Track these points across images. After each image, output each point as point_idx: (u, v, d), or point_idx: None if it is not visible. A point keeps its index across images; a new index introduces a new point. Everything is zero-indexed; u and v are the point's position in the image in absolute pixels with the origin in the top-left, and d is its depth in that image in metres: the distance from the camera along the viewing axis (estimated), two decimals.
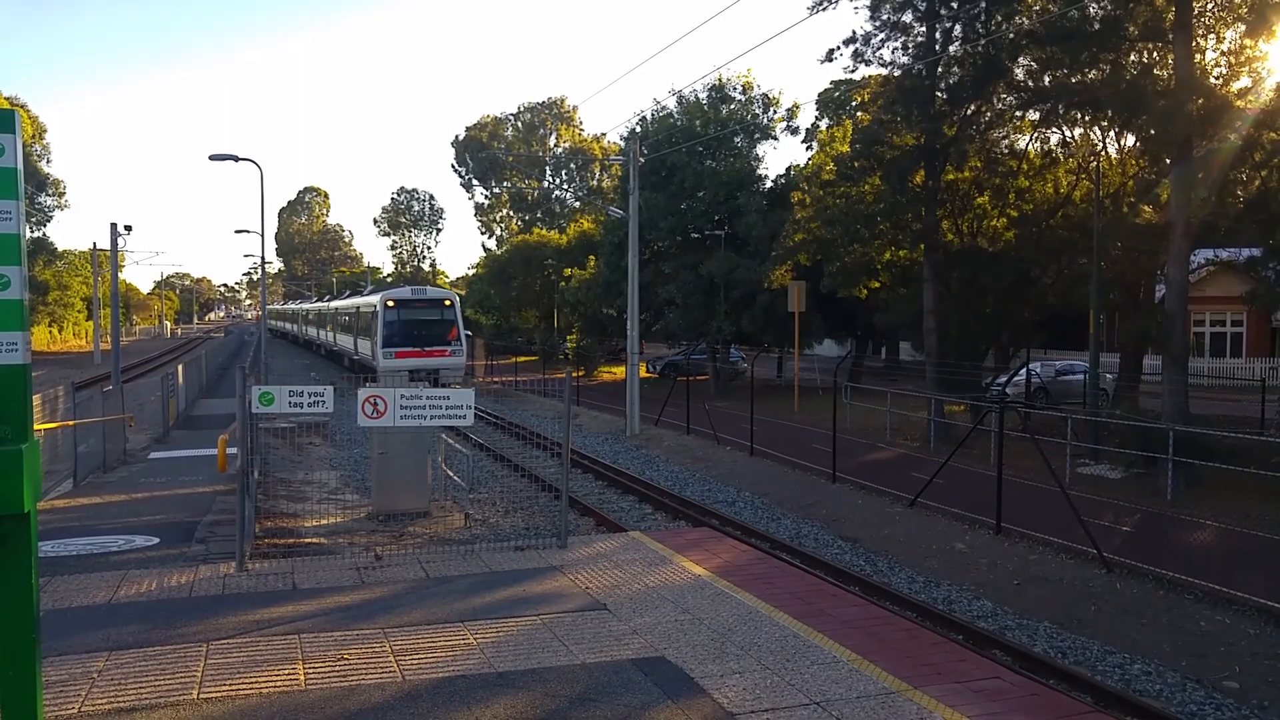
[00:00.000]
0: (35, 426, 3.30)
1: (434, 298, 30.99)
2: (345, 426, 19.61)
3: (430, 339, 28.94)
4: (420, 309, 29.71)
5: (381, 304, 29.17)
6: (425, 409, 7.50)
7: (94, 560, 8.14)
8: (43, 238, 67.31)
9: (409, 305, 29.57)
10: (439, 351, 28.83)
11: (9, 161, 3.11)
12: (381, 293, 31.03)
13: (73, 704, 4.73)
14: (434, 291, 32.69)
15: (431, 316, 29.64)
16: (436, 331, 29.29)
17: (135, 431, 18.85)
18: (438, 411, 7.55)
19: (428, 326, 29.43)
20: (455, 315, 29.91)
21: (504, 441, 19.69)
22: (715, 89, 35.32)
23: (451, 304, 30.27)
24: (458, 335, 29.50)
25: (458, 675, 5.15)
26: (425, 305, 30.01)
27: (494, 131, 77.31)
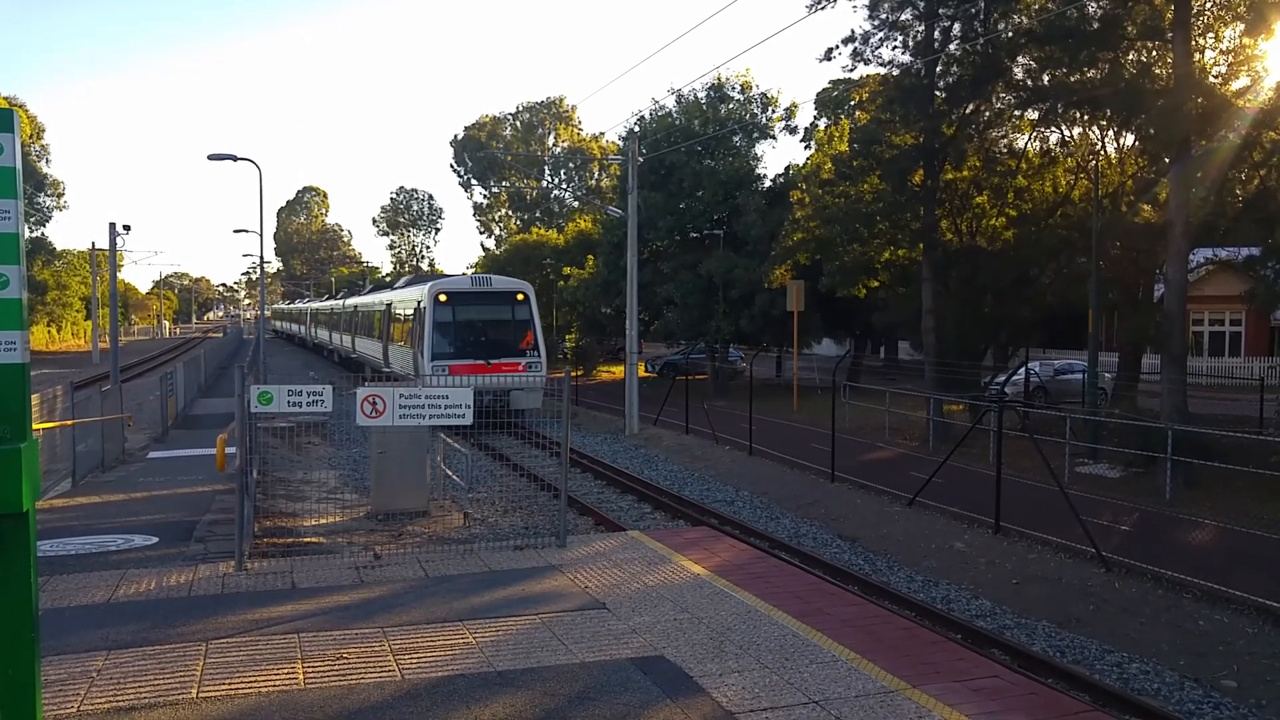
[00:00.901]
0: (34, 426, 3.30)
1: (502, 289, 22.73)
2: (344, 426, 19.61)
3: (497, 347, 21.47)
4: (483, 305, 22.00)
5: (430, 298, 21.37)
6: (424, 408, 7.50)
7: (93, 559, 8.13)
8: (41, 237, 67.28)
9: (468, 300, 21.86)
10: (509, 365, 21.01)
11: (8, 161, 3.11)
12: (428, 283, 22.98)
13: (71, 703, 4.73)
14: (502, 282, 23.65)
15: (499, 315, 22.09)
16: (506, 336, 21.86)
17: (134, 431, 18.83)
18: (436, 411, 7.55)
19: (494, 329, 21.96)
20: (531, 314, 22.26)
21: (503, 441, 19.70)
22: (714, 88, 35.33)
23: (526, 299, 22.31)
24: (534, 342, 21.81)
25: (457, 674, 5.15)
26: (490, 300, 22.17)
27: (493, 131, 77.28)
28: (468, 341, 21.41)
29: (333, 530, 11.36)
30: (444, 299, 21.52)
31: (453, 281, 23.15)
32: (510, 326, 22.16)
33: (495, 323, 22.23)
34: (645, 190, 30.62)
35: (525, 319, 22.26)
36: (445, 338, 21.24)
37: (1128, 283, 21.44)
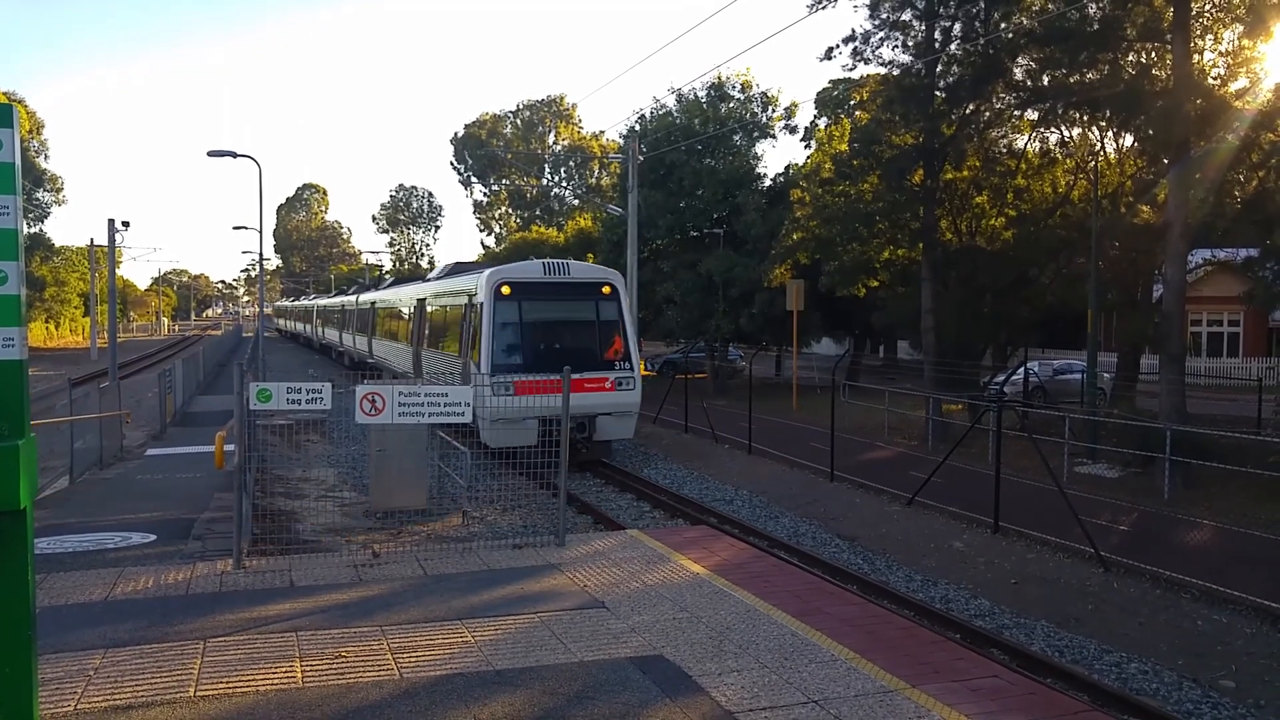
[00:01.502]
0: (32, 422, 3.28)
1: (584, 279, 17.23)
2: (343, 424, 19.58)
3: (578, 356, 16.04)
4: (559, 300, 16.85)
5: (488, 290, 16.22)
6: (423, 406, 7.49)
7: (90, 557, 8.12)
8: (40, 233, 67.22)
9: (539, 293, 16.59)
10: (594, 382, 16.05)
11: (6, 156, 3.10)
12: (482, 271, 17.88)
13: (69, 701, 4.72)
14: (583, 269, 17.97)
15: (579, 314, 16.94)
16: (589, 341, 16.76)
17: (132, 428, 18.80)
18: (436, 409, 7.53)
19: (573, 333, 17.00)
20: (620, 312, 16.98)
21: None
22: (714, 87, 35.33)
23: (614, 292, 17.03)
24: (625, 349, 16.69)
25: (456, 673, 5.15)
26: (568, 293, 16.88)
27: (493, 129, 77.23)
28: (539, 348, 16.09)
29: (331, 528, 11.35)
30: (507, 291, 16.13)
31: (519, 269, 17.24)
32: (594, 329, 16.73)
33: (575, 324, 16.87)
34: (645, 189, 30.60)
35: (613, 318, 16.74)
36: (509, 343, 16.01)
37: (1126, 283, 21.46)
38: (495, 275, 16.56)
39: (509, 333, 16.20)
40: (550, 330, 16.75)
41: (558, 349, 16.39)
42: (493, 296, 16.19)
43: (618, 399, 16.28)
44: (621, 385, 16.40)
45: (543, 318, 16.65)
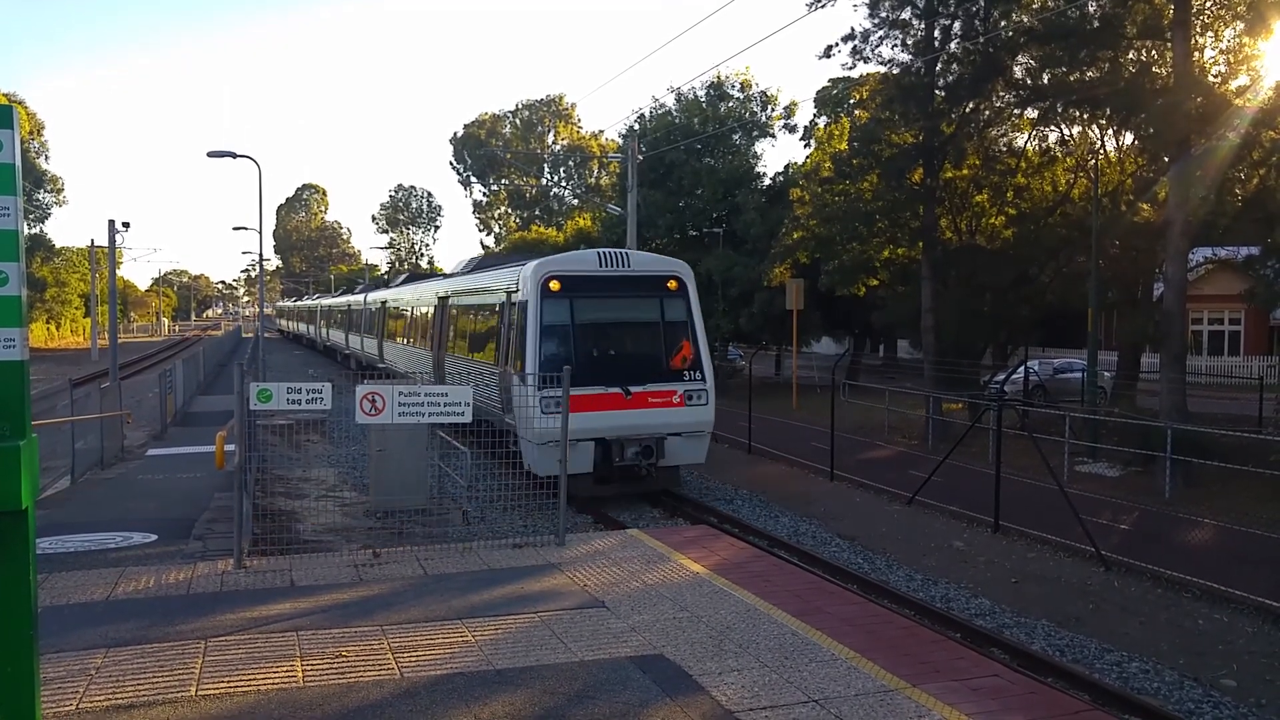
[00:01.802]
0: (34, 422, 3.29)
1: (647, 272, 14.43)
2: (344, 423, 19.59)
3: (640, 364, 13.82)
4: (618, 297, 14.19)
5: (534, 285, 13.58)
6: (423, 406, 7.49)
7: (92, 557, 8.12)
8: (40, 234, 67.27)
9: (594, 289, 13.98)
10: (660, 395, 13.55)
11: (7, 157, 3.10)
12: (525, 264, 14.75)
13: (70, 701, 4.72)
14: (646, 260, 15.00)
15: (642, 314, 14.33)
16: (653, 347, 14.11)
17: (133, 428, 18.81)
18: (436, 409, 7.54)
19: (635, 337, 14.44)
20: (689, 311, 14.30)
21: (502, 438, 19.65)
22: (713, 87, 35.35)
23: (682, 287, 14.39)
24: (695, 356, 14.01)
25: (456, 673, 5.15)
26: (628, 289, 14.24)
27: (492, 129, 77.25)
28: (595, 356, 13.55)
29: (332, 528, 11.36)
30: (556, 287, 13.44)
31: (570, 260, 14.43)
32: (659, 331, 14.01)
33: (636, 326, 14.28)
34: (645, 188, 30.60)
35: (681, 319, 14.05)
36: (558, 349, 13.27)
37: (1127, 282, 21.46)
38: (543, 268, 13.67)
39: (559, 337, 13.41)
40: (607, 333, 14.05)
41: (617, 356, 13.85)
42: (539, 293, 13.37)
43: (689, 416, 13.61)
44: (693, 399, 13.67)
45: (599, 318, 13.92)
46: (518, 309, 13.88)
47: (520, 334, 13.58)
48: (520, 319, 13.70)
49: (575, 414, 11.54)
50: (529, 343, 13.25)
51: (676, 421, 13.61)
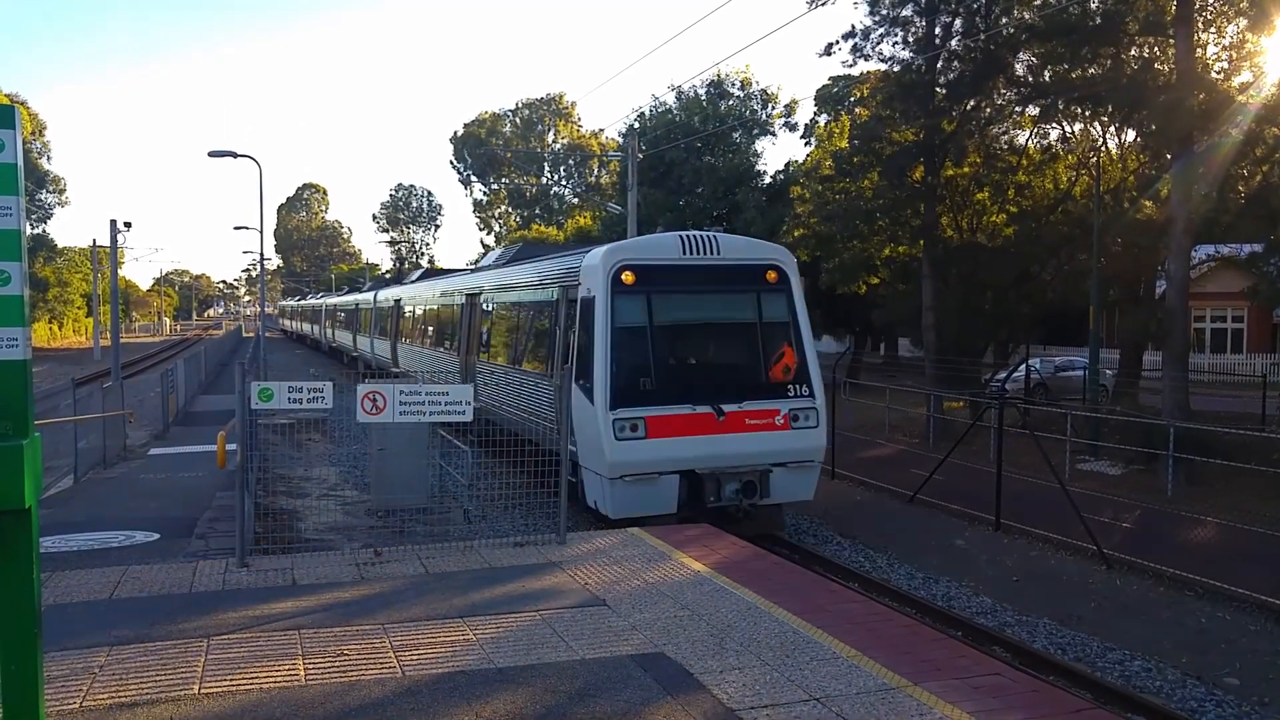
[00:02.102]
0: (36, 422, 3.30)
1: (741, 260, 11.75)
2: (345, 422, 19.61)
3: (734, 377, 11.44)
4: (707, 290, 11.64)
5: (604, 277, 11.06)
6: (424, 405, 7.50)
7: (95, 556, 8.14)
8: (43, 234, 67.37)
9: (677, 281, 11.47)
10: (761, 416, 11.11)
11: (9, 157, 3.11)
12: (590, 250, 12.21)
13: (74, 699, 4.74)
14: (739, 246, 12.00)
15: (736, 312, 11.82)
16: (749, 355, 11.63)
17: (135, 428, 18.84)
18: (437, 408, 7.54)
19: (728, 340, 11.96)
20: (793, 308, 11.82)
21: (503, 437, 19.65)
22: (714, 85, 35.36)
23: (782, 278, 11.83)
24: (802, 363, 11.52)
25: (457, 671, 5.16)
26: (719, 281, 11.63)
27: (492, 128, 77.26)
28: (678, 366, 11.24)
29: (333, 527, 11.37)
30: (631, 279, 10.90)
31: (647, 246, 11.59)
32: (757, 335, 11.45)
33: (729, 328, 11.73)
34: (645, 187, 30.61)
35: (782, 318, 11.58)
36: (634, 358, 10.80)
37: (1129, 279, 21.44)
38: (614, 256, 11.01)
39: (634, 342, 10.80)
40: (693, 338, 11.63)
41: (705, 367, 11.48)
42: (610, 287, 10.76)
43: (796, 442, 10.99)
44: (800, 420, 11.10)
45: (682, 319, 11.45)
46: (580, 307, 11.21)
47: (585, 338, 10.99)
48: (585, 319, 11.07)
49: (656, 440, 10.38)
50: (598, 350, 10.61)
51: (781, 449, 10.92)
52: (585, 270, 11.50)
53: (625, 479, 10.34)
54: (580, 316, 11.28)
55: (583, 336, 11.13)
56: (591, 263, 11.41)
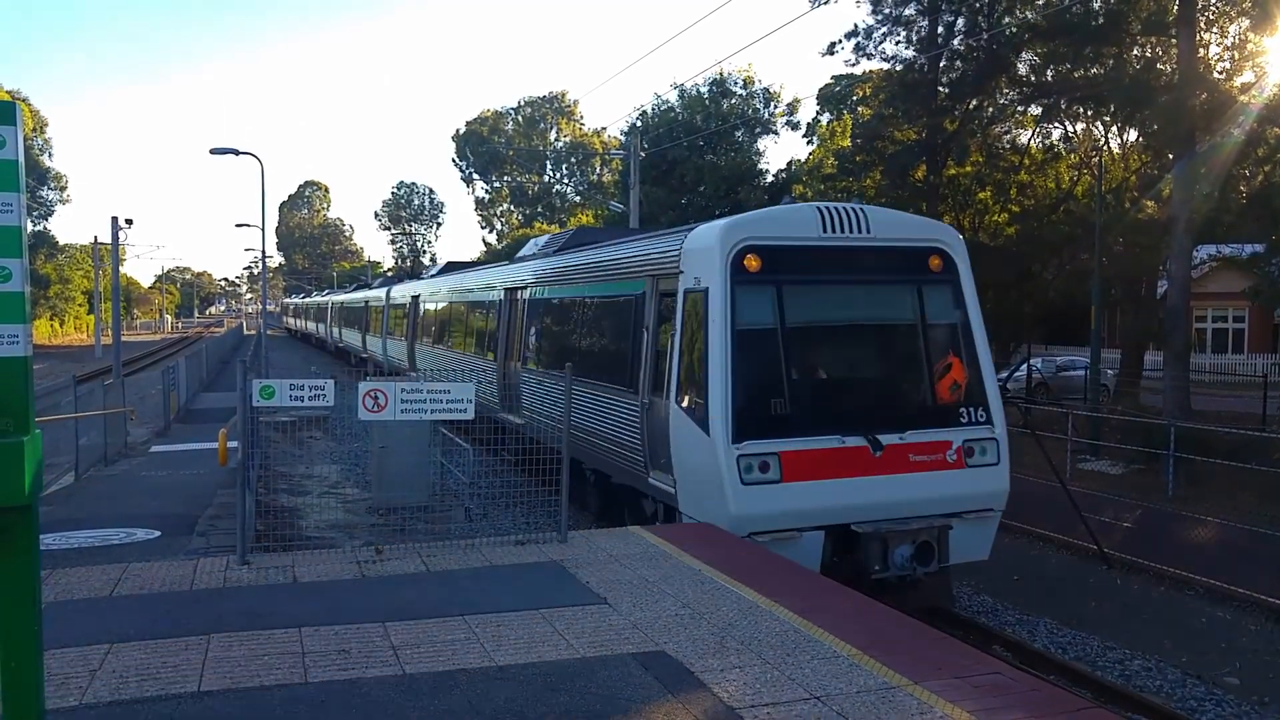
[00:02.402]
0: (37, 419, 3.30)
1: (895, 242, 8.81)
2: (346, 420, 19.62)
3: (891, 395, 8.98)
4: (852, 281, 8.88)
5: (721, 258, 8.25)
6: (426, 403, 7.49)
7: (95, 553, 8.15)
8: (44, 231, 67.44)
9: (815, 267, 8.59)
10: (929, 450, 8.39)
11: (10, 154, 3.10)
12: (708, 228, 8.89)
13: (74, 696, 4.74)
14: (892, 222, 9.01)
15: (890, 310, 9.14)
16: (910, 364, 9.01)
17: (136, 425, 18.86)
18: (438, 406, 7.54)
19: (880, 347, 9.18)
20: (962, 303, 8.97)
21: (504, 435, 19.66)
22: (716, 83, 35.35)
23: (948, 267, 8.93)
24: (977, 377, 8.80)
25: (459, 669, 5.16)
26: (867, 268, 8.80)
27: (494, 125, 77.25)
28: (821, 385, 8.88)
29: (334, 525, 11.38)
30: (756, 265, 8.44)
31: (773, 221, 8.92)
32: (918, 341, 9.02)
33: (882, 332, 9.23)
34: (647, 185, 30.61)
35: (950, 319, 9.09)
36: (765, 375, 8.44)
37: (1130, 279, 21.44)
38: (736, 233, 8.36)
39: (765, 351, 8.29)
40: (839, 344, 8.95)
41: (855, 384, 8.90)
42: (730, 275, 8.17)
43: (974, 484, 8.59)
44: (976, 455, 8.61)
45: (825, 319, 8.83)
46: (683, 304, 8.64)
47: (692, 344, 8.44)
48: (690, 319, 8.52)
49: (794, 485, 7.79)
50: (713, 360, 7.96)
51: (957, 494, 8.39)
52: (691, 254, 8.77)
53: (753, 538, 7.74)
54: (683, 316, 8.65)
55: (688, 342, 8.54)
56: (701, 243, 8.67)
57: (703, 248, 8.70)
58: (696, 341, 8.44)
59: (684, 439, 8.33)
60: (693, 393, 8.36)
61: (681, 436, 8.37)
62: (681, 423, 8.38)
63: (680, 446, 8.41)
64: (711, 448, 7.90)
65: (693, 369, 8.45)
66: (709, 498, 8.05)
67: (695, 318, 8.53)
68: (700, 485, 8.18)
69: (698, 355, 8.37)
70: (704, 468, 8.06)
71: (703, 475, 8.09)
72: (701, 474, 8.10)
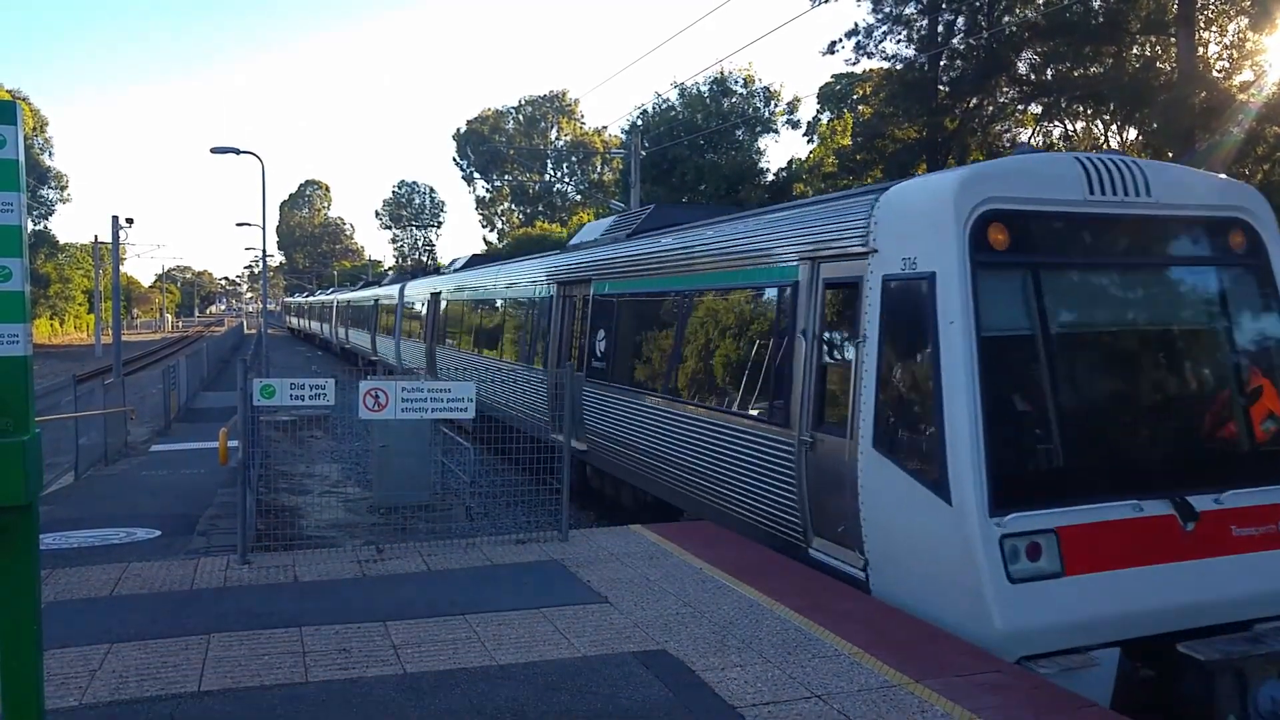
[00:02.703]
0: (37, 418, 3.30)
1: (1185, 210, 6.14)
2: (346, 419, 19.60)
3: (1197, 436, 6.01)
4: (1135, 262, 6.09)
5: (957, 225, 5.55)
6: (427, 401, 7.50)
7: (95, 553, 8.15)
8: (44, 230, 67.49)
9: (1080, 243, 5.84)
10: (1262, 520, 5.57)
11: (10, 153, 3.10)
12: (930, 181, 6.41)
13: (74, 696, 4.74)
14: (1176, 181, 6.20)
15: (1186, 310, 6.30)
16: (1220, 391, 6.12)
17: (136, 424, 18.86)
18: (439, 404, 7.54)
19: (1174, 364, 6.18)
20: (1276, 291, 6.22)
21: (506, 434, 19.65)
22: (716, 82, 35.36)
23: (1251, 243, 6.25)
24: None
25: (459, 668, 5.16)
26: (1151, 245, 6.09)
27: (495, 124, 77.28)
28: (1103, 423, 5.91)
29: (335, 524, 11.39)
30: (1002, 239, 5.72)
31: (1018, 173, 5.98)
32: (1223, 354, 6.32)
33: (1176, 340, 6.33)
34: (648, 184, 30.62)
35: (1259, 319, 6.40)
36: (1027, 408, 5.73)
37: None
38: (972, 190, 5.85)
39: (1023, 371, 5.91)
40: (1122, 359, 6.30)
41: (1146, 419, 6.21)
42: (968, 250, 5.73)
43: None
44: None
45: (1099, 323, 6.30)
46: (888, 297, 6.16)
47: (903, 359, 6.08)
48: (899, 321, 6.09)
49: (1081, 578, 5.33)
50: (952, 383, 5.54)
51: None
52: (895, 221, 6.25)
53: (1025, 663, 5.27)
54: (884, 315, 6.14)
55: (895, 356, 6.07)
56: (916, 205, 6.20)
57: (920, 212, 6.06)
58: (916, 356, 5.87)
59: (892, 503, 5.86)
60: (910, 434, 5.80)
61: (887, 499, 5.90)
62: (888, 479, 5.86)
63: (884, 513, 5.94)
64: (955, 523, 5.34)
65: (909, 397, 5.87)
66: (947, 597, 5.51)
67: (907, 319, 5.93)
68: (928, 578, 5.64)
69: (919, 377, 5.78)
70: (937, 552, 5.53)
71: (934, 563, 5.59)
72: (931, 561, 5.60)
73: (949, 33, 20.97)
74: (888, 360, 6.10)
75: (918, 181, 6.77)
